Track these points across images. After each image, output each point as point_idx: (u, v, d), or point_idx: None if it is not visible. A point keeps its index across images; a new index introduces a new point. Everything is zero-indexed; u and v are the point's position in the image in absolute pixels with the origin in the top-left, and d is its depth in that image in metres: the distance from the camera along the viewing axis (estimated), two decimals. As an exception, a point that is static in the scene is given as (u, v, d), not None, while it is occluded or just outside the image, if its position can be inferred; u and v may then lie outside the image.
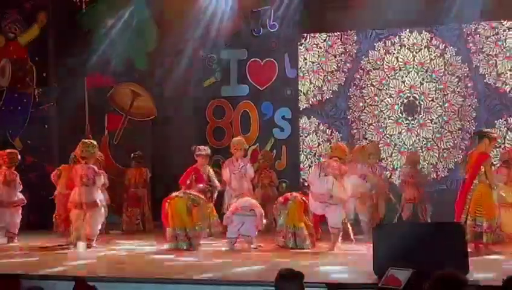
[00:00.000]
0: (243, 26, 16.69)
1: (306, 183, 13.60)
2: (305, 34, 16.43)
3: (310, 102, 16.33)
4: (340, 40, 16.20)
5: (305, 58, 16.37)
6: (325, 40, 16.31)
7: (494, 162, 12.91)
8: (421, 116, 15.66)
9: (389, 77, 15.83)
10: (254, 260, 10.80)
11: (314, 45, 16.36)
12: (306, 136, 16.32)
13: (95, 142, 13.10)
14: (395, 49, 15.80)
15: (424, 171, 14.77)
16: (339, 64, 16.19)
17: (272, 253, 11.46)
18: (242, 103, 16.88)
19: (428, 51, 15.57)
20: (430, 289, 5.33)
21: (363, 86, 16.02)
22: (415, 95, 15.67)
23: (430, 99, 15.59)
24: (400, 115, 15.78)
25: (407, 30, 15.65)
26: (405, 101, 15.74)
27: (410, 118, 15.73)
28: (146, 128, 17.21)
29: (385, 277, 7.81)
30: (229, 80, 17.01)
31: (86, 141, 13.06)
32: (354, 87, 16.08)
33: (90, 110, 17.27)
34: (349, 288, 7.84)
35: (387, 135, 15.88)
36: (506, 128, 15.01)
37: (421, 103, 15.64)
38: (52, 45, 16.68)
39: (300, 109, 16.37)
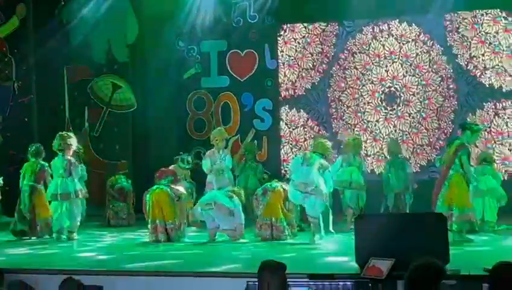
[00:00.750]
0: (223, 17, 16.66)
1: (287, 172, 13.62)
2: (285, 26, 16.43)
3: (291, 88, 16.36)
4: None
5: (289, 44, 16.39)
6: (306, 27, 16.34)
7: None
8: (399, 108, 15.73)
9: (373, 63, 15.89)
10: (235, 251, 10.82)
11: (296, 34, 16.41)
12: (294, 129, 16.31)
13: (71, 134, 13.09)
14: (382, 37, 15.84)
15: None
16: (323, 46, 16.22)
17: (253, 245, 11.49)
18: (222, 94, 16.88)
19: (415, 45, 15.62)
20: (410, 278, 5.39)
21: (347, 67, 16.07)
22: (396, 86, 15.73)
23: (411, 93, 15.66)
24: (380, 103, 15.84)
25: (397, 20, 15.69)
26: (386, 90, 15.80)
27: (389, 108, 15.80)
28: (126, 120, 17.16)
29: (367, 266, 7.86)
30: (209, 72, 16.99)
31: (63, 133, 13.06)
32: (338, 67, 16.12)
33: (70, 103, 17.23)
34: (331, 278, 7.85)
35: (365, 120, 15.94)
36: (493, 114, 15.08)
37: (402, 95, 15.70)
38: (31, 37, 16.60)
39: (282, 96, 16.39)
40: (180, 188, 12.34)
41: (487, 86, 15.20)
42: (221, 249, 11.11)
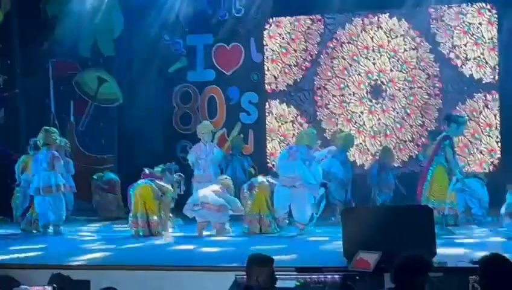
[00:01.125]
0: (209, 11, 16.64)
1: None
2: (271, 20, 16.44)
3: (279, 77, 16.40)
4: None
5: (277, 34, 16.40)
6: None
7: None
8: (385, 102, 15.77)
9: (360, 55, 15.89)
10: (223, 245, 10.83)
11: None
12: (283, 124, 16.31)
13: (55, 129, 13.08)
14: (371, 29, 15.84)
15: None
16: (307, 42, 16.24)
17: (241, 239, 11.50)
18: (208, 87, 16.87)
19: (404, 41, 15.62)
20: (396, 271, 5.44)
21: (335, 56, 16.06)
22: (383, 79, 15.75)
23: (396, 88, 15.68)
24: (365, 95, 15.86)
25: (387, 14, 15.70)
26: (372, 83, 15.82)
27: (374, 101, 15.83)
28: (112, 114, 17.11)
29: (354, 259, 7.89)
30: (195, 65, 16.98)
31: (48, 128, 13.04)
32: (326, 56, 16.12)
33: (55, 97, 17.14)
34: (319, 271, 7.88)
35: (349, 111, 15.97)
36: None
37: (388, 89, 15.73)
38: (16, 31, 16.50)
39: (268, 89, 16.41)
40: (165, 184, 12.34)
41: (467, 76, 15.23)
42: (209, 243, 11.11)
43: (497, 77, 15.08)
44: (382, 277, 7.36)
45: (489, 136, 15.04)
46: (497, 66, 15.07)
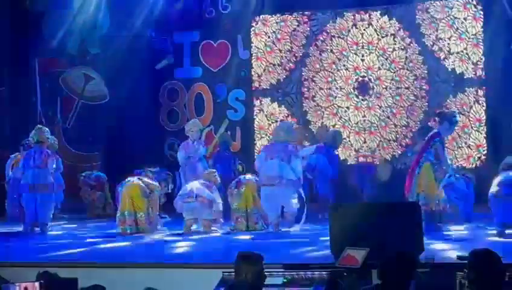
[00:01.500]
0: (196, 8, 16.63)
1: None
2: (258, 17, 16.43)
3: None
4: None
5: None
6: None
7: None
8: (371, 99, 15.78)
9: (350, 50, 15.89)
10: (211, 242, 10.83)
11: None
12: (274, 122, 16.29)
13: (47, 129, 13.07)
14: (362, 26, 15.83)
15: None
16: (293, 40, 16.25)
17: (228, 236, 11.50)
18: (196, 85, 16.86)
19: (394, 40, 15.63)
20: (383, 268, 5.46)
21: (324, 49, 16.06)
22: (370, 77, 15.76)
23: (383, 86, 15.70)
24: (352, 90, 15.87)
25: (378, 12, 15.70)
26: (360, 79, 15.83)
27: (360, 97, 15.84)
28: (99, 112, 17.07)
29: (342, 256, 7.88)
30: (182, 62, 16.97)
31: (40, 126, 13.02)
32: (315, 47, 16.12)
33: (42, 94, 17.10)
34: (306, 268, 7.88)
35: (336, 105, 15.98)
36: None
37: (375, 87, 15.75)
38: (2, 28, 16.43)
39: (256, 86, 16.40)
40: (153, 181, 12.34)
41: (449, 70, 15.28)
42: (196, 240, 11.10)
43: (478, 73, 15.10)
44: (370, 273, 7.36)
45: (478, 131, 15.08)
46: (479, 62, 15.09)
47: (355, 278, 7.53)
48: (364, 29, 15.80)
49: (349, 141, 15.79)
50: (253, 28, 16.47)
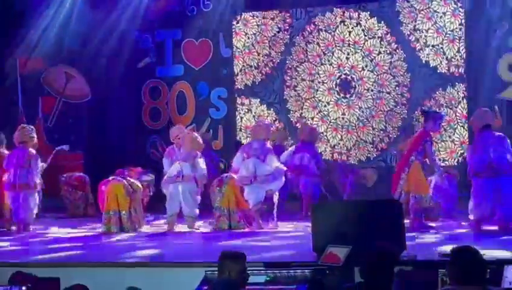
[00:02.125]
0: (177, 6, 16.60)
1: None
2: (239, 16, 16.41)
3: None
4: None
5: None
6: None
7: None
8: (351, 98, 15.80)
9: (336, 46, 15.87)
10: (194, 241, 10.82)
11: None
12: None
13: (33, 127, 13.00)
14: (350, 24, 15.81)
15: None
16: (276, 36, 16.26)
17: (211, 234, 11.49)
18: (178, 83, 16.83)
19: (380, 44, 15.62)
20: (364, 265, 5.47)
21: (310, 41, 16.05)
22: (354, 76, 15.77)
23: (365, 88, 15.71)
24: (334, 86, 15.88)
25: (368, 13, 15.68)
26: (343, 76, 15.84)
27: (341, 94, 15.85)
28: (81, 111, 17.01)
29: (324, 254, 7.89)
30: (164, 60, 16.94)
31: (25, 125, 12.97)
32: (302, 38, 16.10)
33: (23, 93, 17.00)
34: (288, 266, 7.88)
35: (316, 99, 16.00)
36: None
37: (357, 86, 15.76)
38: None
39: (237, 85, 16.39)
40: (136, 181, 12.32)
41: (423, 62, 15.32)
42: (179, 239, 11.10)
43: (452, 69, 15.15)
44: (352, 271, 7.39)
45: (463, 127, 15.10)
46: (453, 58, 15.14)
47: (338, 276, 7.54)
48: (352, 28, 15.78)
49: (326, 136, 15.78)
50: (234, 27, 16.44)
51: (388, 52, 15.57)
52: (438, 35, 15.25)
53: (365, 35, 15.69)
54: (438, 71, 15.22)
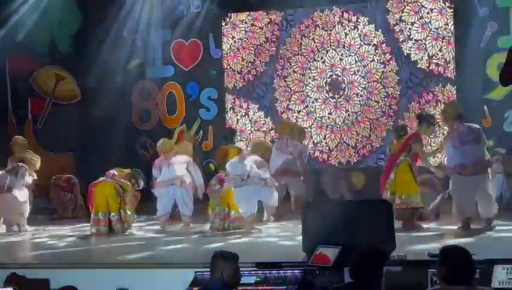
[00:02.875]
0: (167, 6, 16.59)
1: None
2: (229, 15, 16.42)
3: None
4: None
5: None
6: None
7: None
8: (340, 100, 15.78)
9: (331, 45, 15.83)
10: (186, 241, 10.82)
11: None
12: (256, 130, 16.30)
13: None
14: (347, 26, 15.76)
15: None
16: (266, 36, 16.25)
17: (203, 235, 11.49)
18: (167, 84, 16.81)
19: (375, 51, 15.59)
20: (353, 265, 5.49)
21: (306, 35, 15.99)
22: (345, 78, 15.75)
23: (354, 92, 15.68)
24: (324, 84, 15.86)
25: (367, 18, 15.65)
26: (334, 76, 15.83)
27: (330, 94, 15.84)
28: (71, 112, 16.97)
29: (314, 254, 7.91)
30: (153, 61, 16.92)
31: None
32: (298, 30, 16.07)
33: (12, 94, 16.98)
34: (278, 267, 7.88)
35: (304, 93, 15.98)
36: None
37: (346, 89, 15.74)
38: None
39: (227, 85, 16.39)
40: (126, 181, 12.30)
41: (405, 54, 15.35)
42: (169, 238, 11.09)
43: (453, 72, 15.18)
44: (342, 272, 7.38)
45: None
46: (452, 61, 15.19)
47: (328, 277, 7.56)
48: (349, 30, 15.77)
49: (310, 132, 15.76)
50: (225, 26, 16.43)
51: (381, 61, 15.54)
52: (422, 30, 15.28)
53: (361, 40, 15.67)
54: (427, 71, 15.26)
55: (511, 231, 10.48)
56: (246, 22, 16.37)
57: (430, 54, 15.26)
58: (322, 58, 15.92)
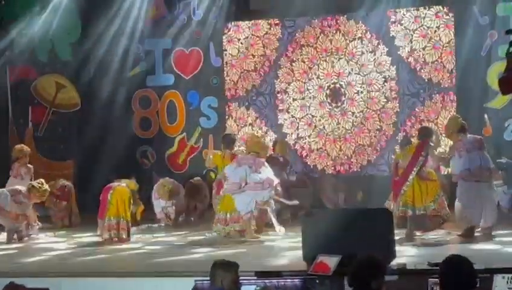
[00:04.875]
0: (168, 15, 16.62)
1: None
2: (230, 24, 16.43)
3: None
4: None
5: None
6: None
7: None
8: (343, 105, 15.77)
9: (320, 58, 15.83)
10: (185, 249, 10.81)
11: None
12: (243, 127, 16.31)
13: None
14: (330, 32, 15.75)
15: None
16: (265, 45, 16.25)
17: (202, 243, 11.47)
18: (168, 92, 16.81)
19: (361, 43, 15.58)
20: (352, 274, 5.48)
21: (294, 59, 16.00)
22: (341, 83, 15.75)
23: (355, 91, 15.66)
24: (325, 98, 15.87)
25: (345, 16, 15.68)
26: (331, 86, 15.83)
27: (333, 104, 15.86)
28: (71, 120, 16.98)
29: (314, 263, 7.90)
30: (154, 70, 16.92)
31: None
32: (286, 58, 16.08)
33: (13, 102, 17.00)
34: (279, 276, 7.88)
35: (310, 115, 15.96)
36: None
37: (346, 92, 15.74)
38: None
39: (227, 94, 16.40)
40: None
41: (426, 80, 15.33)
42: (170, 246, 11.08)
43: (454, 81, 15.19)
44: (342, 281, 7.38)
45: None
46: (454, 70, 15.19)
47: (328, 286, 7.55)
48: (332, 35, 15.79)
49: (326, 150, 15.76)
50: (225, 35, 16.44)
51: (370, 50, 15.49)
52: (435, 51, 15.28)
53: (345, 39, 15.67)
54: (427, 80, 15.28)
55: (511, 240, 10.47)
56: (246, 31, 16.37)
57: (430, 63, 15.26)
58: (315, 74, 15.90)
